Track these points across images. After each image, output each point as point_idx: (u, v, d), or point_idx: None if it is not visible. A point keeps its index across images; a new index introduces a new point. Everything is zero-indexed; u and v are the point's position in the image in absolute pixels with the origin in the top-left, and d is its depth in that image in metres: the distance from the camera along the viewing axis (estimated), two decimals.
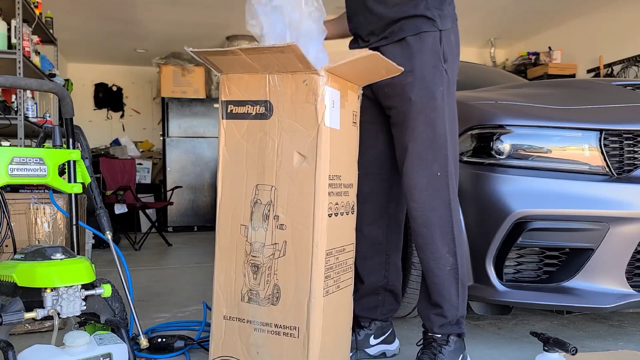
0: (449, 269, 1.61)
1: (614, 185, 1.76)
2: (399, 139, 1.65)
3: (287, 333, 1.46)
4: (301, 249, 1.44)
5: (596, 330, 2.20)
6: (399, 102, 1.63)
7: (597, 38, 6.18)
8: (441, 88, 1.60)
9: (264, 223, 1.50)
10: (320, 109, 1.43)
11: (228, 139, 1.56)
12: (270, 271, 1.48)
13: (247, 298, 1.51)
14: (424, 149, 1.59)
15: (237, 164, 1.54)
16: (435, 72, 1.60)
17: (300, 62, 1.39)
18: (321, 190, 1.44)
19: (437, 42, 1.61)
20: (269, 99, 1.49)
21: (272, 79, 1.49)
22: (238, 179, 1.54)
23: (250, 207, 1.52)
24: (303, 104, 1.45)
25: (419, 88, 1.59)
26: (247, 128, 1.53)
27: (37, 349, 1.32)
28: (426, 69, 1.60)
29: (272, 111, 1.49)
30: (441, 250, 1.60)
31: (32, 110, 4.13)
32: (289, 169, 1.47)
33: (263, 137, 1.50)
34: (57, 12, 5.38)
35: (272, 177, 1.49)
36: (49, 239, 2.17)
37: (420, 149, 1.59)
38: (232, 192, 1.55)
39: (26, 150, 1.53)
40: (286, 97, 1.47)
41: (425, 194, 1.59)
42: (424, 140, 1.59)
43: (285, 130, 1.47)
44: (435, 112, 1.59)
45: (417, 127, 1.59)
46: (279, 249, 1.48)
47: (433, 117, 1.59)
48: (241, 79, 1.53)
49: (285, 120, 1.47)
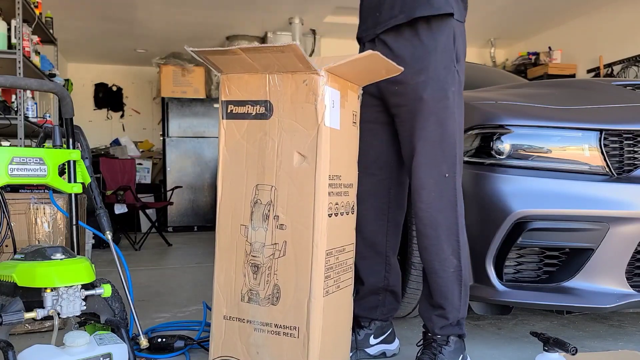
0: (453, 271, 1.61)
1: (614, 185, 1.76)
2: (407, 138, 1.64)
3: (287, 333, 1.46)
4: (301, 249, 1.44)
5: (596, 330, 2.20)
6: (409, 101, 1.62)
7: (597, 38, 6.18)
8: (453, 88, 1.60)
9: (264, 223, 1.50)
10: (320, 109, 1.43)
11: (228, 139, 1.56)
12: (270, 271, 1.48)
13: (247, 298, 1.51)
14: (433, 149, 1.59)
15: (237, 164, 1.54)
16: (448, 73, 1.60)
17: (300, 62, 1.39)
18: (321, 190, 1.44)
19: (451, 40, 1.61)
20: (269, 99, 1.49)
21: (272, 78, 1.49)
22: (238, 179, 1.54)
23: (250, 207, 1.51)
24: (303, 104, 1.45)
25: (432, 88, 1.58)
26: (247, 128, 1.53)
27: (37, 349, 1.32)
28: (440, 69, 1.59)
29: (272, 111, 1.49)
30: (446, 251, 1.60)
31: (32, 110, 4.13)
32: (289, 169, 1.47)
33: (263, 137, 1.50)
34: (57, 12, 5.38)
35: (272, 177, 1.49)
36: (49, 239, 2.17)
37: (429, 149, 1.59)
38: (232, 192, 1.55)
39: (26, 150, 1.53)
40: (286, 97, 1.47)
41: (433, 194, 1.59)
42: (434, 140, 1.59)
43: (285, 130, 1.47)
44: (447, 113, 1.59)
45: (427, 127, 1.59)
46: (279, 249, 1.48)
47: (444, 117, 1.59)
48: (241, 78, 1.53)
49: (285, 120, 1.47)
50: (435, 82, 1.58)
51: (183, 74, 6.81)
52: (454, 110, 1.60)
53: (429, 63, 1.59)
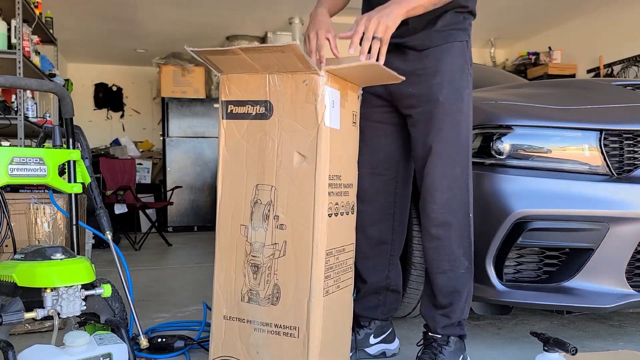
0: (463, 272, 1.62)
1: (614, 185, 1.76)
2: (420, 139, 1.64)
3: (287, 333, 1.46)
4: (301, 249, 1.44)
5: (596, 330, 2.20)
6: (424, 102, 1.62)
7: (597, 38, 6.18)
8: (467, 90, 1.62)
9: (264, 223, 1.49)
10: (320, 109, 1.43)
11: (228, 138, 1.55)
12: (270, 271, 1.48)
13: (247, 298, 1.51)
14: (448, 151, 1.59)
15: (237, 163, 1.54)
16: (462, 74, 1.62)
17: (300, 62, 1.39)
18: (321, 190, 1.44)
19: (465, 42, 1.66)
20: (269, 99, 1.49)
21: (272, 79, 1.48)
22: (238, 179, 1.54)
23: (251, 207, 1.51)
24: (303, 104, 1.44)
25: (448, 89, 1.59)
26: (247, 128, 1.52)
27: (37, 349, 1.32)
28: (455, 71, 1.61)
29: (272, 111, 1.49)
30: (456, 252, 1.60)
31: (32, 110, 4.12)
32: (289, 169, 1.46)
33: (263, 137, 1.50)
34: (57, 12, 5.38)
35: (272, 177, 1.49)
36: (49, 239, 2.17)
37: (445, 150, 1.59)
38: (232, 192, 1.54)
39: (26, 150, 1.53)
40: (286, 97, 1.47)
41: (446, 196, 1.59)
42: (448, 141, 1.59)
43: (285, 130, 1.47)
44: (461, 114, 1.60)
45: (443, 129, 1.59)
46: (279, 249, 1.47)
47: (459, 119, 1.60)
48: (241, 79, 1.52)
49: (285, 120, 1.47)
50: (452, 84, 1.60)
51: (183, 74, 6.82)
52: (468, 113, 1.63)
53: (445, 65, 1.60)
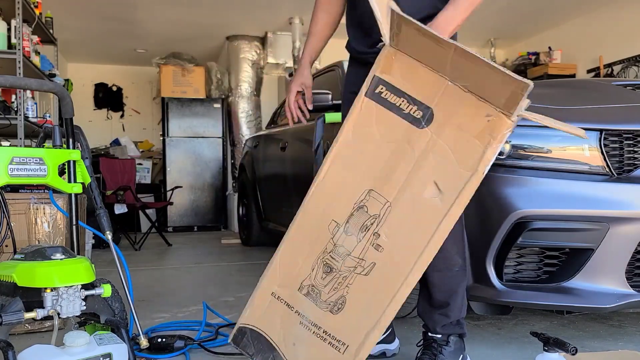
0: (457, 270, 1.62)
1: (614, 185, 1.76)
2: None
3: (334, 345, 1.37)
4: (388, 280, 1.31)
5: (596, 330, 2.20)
6: None
7: (597, 38, 6.18)
8: None
9: (361, 233, 1.33)
10: (488, 155, 1.22)
11: (361, 120, 1.32)
12: (344, 281, 1.36)
13: (305, 291, 1.41)
14: None
15: (359, 154, 1.33)
16: None
17: (507, 98, 1.17)
18: (442, 234, 1.28)
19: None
20: (432, 107, 1.26)
21: (450, 89, 1.25)
22: (352, 171, 1.34)
23: (352, 209, 1.35)
24: (471, 137, 1.23)
25: None
26: (390, 123, 1.30)
27: (37, 349, 1.32)
28: None
29: (429, 122, 1.27)
30: (451, 250, 1.60)
31: (32, 110, 4.12)
32: (417, 196, 1.28)
33: (403, 144, 1.29)
34: (57, 12, 5.38)
35: (393, 192, 1.30)
36: (49, 239, 2.17)
37: None
38: (338, 180, 1.36)
39: (26, 150, 1.53)
40: (454, 118, 1.25)
41: None
42: None
43: (434, 152, 1.26)
44: None
45: None
46: (363, 266, 1.34)
47: None
48: (412, 66, 1.27)
49: (439, 141, 1.25)
50: None
51: (183, 74, 6.82)
52: None
53: None
